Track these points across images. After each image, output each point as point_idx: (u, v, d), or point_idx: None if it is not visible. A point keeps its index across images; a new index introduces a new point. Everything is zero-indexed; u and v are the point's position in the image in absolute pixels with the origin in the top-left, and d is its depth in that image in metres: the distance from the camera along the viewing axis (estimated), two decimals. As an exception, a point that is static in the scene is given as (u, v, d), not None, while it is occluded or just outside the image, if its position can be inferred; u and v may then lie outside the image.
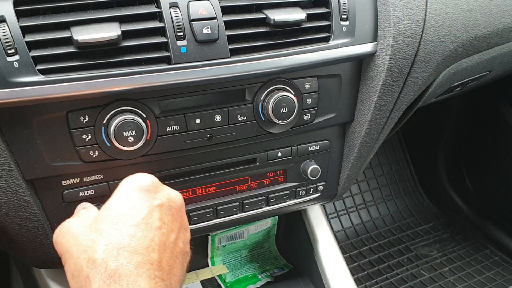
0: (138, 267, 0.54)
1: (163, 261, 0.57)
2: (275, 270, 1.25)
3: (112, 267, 0.53)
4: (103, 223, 0.57)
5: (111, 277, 0.52)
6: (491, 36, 1.03)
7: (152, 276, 0.54)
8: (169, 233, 0.60)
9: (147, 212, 0.59)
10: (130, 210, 0.59)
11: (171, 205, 0.62)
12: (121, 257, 0.54)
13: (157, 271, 0.55)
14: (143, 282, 0.53)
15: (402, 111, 0.97)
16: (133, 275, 0.53)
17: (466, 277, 1.67)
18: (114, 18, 0.68)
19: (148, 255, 0.55)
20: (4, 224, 0.71)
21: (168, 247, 0.59)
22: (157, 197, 0.61)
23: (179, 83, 0.71)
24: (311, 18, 0.80)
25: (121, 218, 0.57)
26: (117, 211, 0.58)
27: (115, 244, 0.55)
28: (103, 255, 0.54)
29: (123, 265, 0.53)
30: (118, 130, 0.70)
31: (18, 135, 0.68)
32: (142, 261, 0.54)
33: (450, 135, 1.96)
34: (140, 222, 0.57)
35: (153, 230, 0.58)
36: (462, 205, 1.97)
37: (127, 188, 0.62)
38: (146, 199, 0.60)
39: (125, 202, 0.60)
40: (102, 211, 0.60)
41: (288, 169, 0.93)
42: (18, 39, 0.63)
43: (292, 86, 0.82)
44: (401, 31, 0.85)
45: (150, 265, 0.55)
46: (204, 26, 0.71)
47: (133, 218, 0.58)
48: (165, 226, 0.59)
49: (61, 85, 0.65)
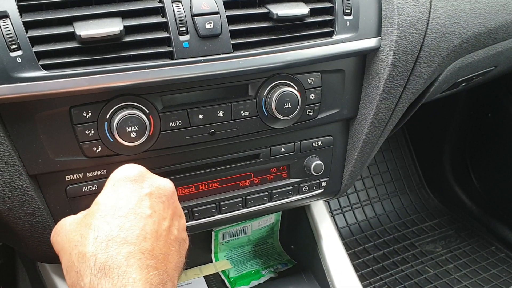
0: (129, 257, 0.53)
1: (156, 249, 0.56)
2: (279, 266, 1.25)
3: (101, 260, 0.53)
4: (92, 217, 0.57)
5: (101, 270, 0.52)
6: (497, 31, 1.02)
7: (144, 265, 0.53)
8: (161, 221, 0.59)
9: (136, 201, 0.58)
10: (118, 201, 0.58)
11: (161, 192, 0.62)
12: (110, 249, 0.53)
13: (150, 259, 0.54)
14: (134, 272, 0.52)
15: (407, 107, 0.96)
16: (124, 266, 0.52)
17: (471, 274, 1.67)
18: (117, 13, 0.68)
19: (139, 244, 0.55)
20: (8, 219, 0.72)
21: (161, 235, 0.58)
22: (145, 186, 0.61)
23: (181, 79, 0.71)
24: (315, 12, 0.80)
25: (109, 211, 0.57)
26: (105, 204, 0.58)
27: (103, 237, 0.54)
28: (92, 248, 0.54)
29: (112, 257, 0.53)
30: (121, 126, 0.70)
31: (21, 130, 0.68)
32: (132, 251, 0.54)
33: (456, 131, 1.95)
34: (129, 213, 0.57)
35: (143, 219, 0.57)
36: (468, 202, 1.96)
37: (114, 180, 0.62)
38: (134, 189, 0.60)
39: (113, 194, 0.59)
40: (92, 206, 0.60)
41: (291, 165, 0.93)
42: (21, 35, 0.64)
43: (295, 82, 0.82)
44: (405, 25, 0.84)
45: (141, 254, 0.54)
46: (207, 21, 0.71)
47: (121, 209, 0.57)
48: (156, 214, 0.59)
49: (64, 80, 0.65)
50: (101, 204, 0.59)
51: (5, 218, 0.72)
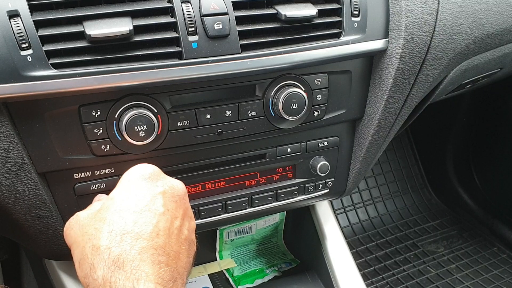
0: (142, 252, 0.54)
1: (168, 246, 0.57)
2: (283, 265, 1.26)
3: (115, 253, 0.53)
4: (107, 211, 0.58)
5: (115, 263, 0.53)
6: (504, 33, 1.02)
7: (156, 261, 0.54)
8: (173, 220, 0.60)
9: (150, 198, 0.59)
10: (133, 197, 0.59)
11: (174, 192, 0.63)
12: (124, 243, 0.54)
13: (162, 256, 0.55)
14: (147, 267, 0.53)
15: (413, 108, 0.96)
16: (137, 261, 0.53)
17: (473, 275, 1.67)
18: (126, 12, 0.69)
19: (152, 240, 0.55)
20: (17, 217, 0.72)
21: (173, 233, 0.59)
22: (159, 185, 0.62)
23: (190, 79, 0.72)
24: (322, 14, 0.80)
25: (124, 206, 0.58)
26: (120, 200, 0.59)
27: (118, 231, 0.55)
28: (106, 241, 0.55)
29: (126, 251, 0.53)
30: (130, 125, 0.70)
31: (31, 128, 0.69)
32: (146, 246, 0.54)
33: (459, 132, 1.95)
34: (143, 209, 0.58)
35: (156, 216, 0.58)
36: (470, 202, 1.96)
37: (130, 177, 0.63)
38: (149, 187, 0.61)
39: (128, 191, 0.60)
40: (106, 201, 0.61)
41: (297, 165, 0.93)
42: (31, 33, 0.64)
43: (303, 82, 0.82)
44: (412, 27, 0.84)
45: (154, 250, 0.55)
46: (216, 21, 0.71)
47: (136, 205, 0.58)
48: (168, 212, 0.60)
49: (74, 79, 0.66)
50: (115, 199, 0.59)
51: (14, 215, 0.72)
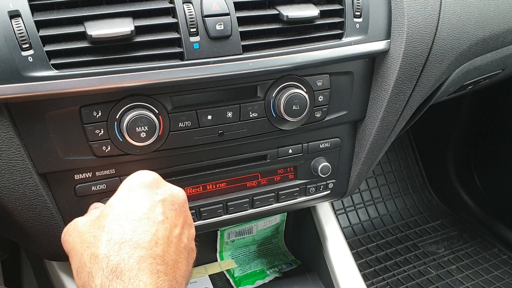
0: (140, 261, 0.53)
1: (167, 255, 0.56)
2: (283, 265, 1.26)
3: (113, 262, 0.53)
4: (106, 219, 0.58)
5: (113, 273, 0.52)
6: (506, 35, 1.02)
7: (154, 270, 0.54)
8: (172, 228, 0.59)
9: (149, 207, 0.59)
10: (132, 205, 0.59)
11: (174, 200, 0.62)
12: (122, 252, 0.54)
13: (160, 265, 0.55)
14: (145, 276, 0.52)
15: (414, 109, 0.96)
16: (135, 270, 0.53)
17: (473, 276, 1.67)
18: (128, 13, 0.69)
19: (150, 249, 0.55)
20: (17, 217, 0.72)
21: (172, 241, 0.58)
22: (159, 193, 0.61)
23: (191, 79, 0.71)
24: (324, 14, 0.80)
25: (123, 214, 0.58)
26: (119, 207, 0.59)
27: (116, 239, 0.55)
28: (104, 250, 0.54)
29: (124, 260, 0.53)
30: (131, 126, 0.70)
31: (31, 129, 0.68)
32: (144, 255, 0.54)
33: (460, 133, 1.94)
34: (142, 217, 0.57)
35: (155, 224, 0.57)
36: (471, 203, 1.96)
37: (129, 184, 0.62)
38: (148, 194, 0.60)
39: (127, 198, 0.60)
40: (105, 208, 0.60)
41: (298, 166, 0.93)
42: (32, 34, 0.64)
43: (304, 83, 0.82)
44: (415, 28, 0.84)
45: (152, 259, 0.54)
46: (217, 22, 0.71)
47: (135, 213, 0.58)
48: (168, 220, 0.59)
49: (75, 80, 0.65)
50: (114, 207, 0.59)
51: (15, 216, 0.72)
